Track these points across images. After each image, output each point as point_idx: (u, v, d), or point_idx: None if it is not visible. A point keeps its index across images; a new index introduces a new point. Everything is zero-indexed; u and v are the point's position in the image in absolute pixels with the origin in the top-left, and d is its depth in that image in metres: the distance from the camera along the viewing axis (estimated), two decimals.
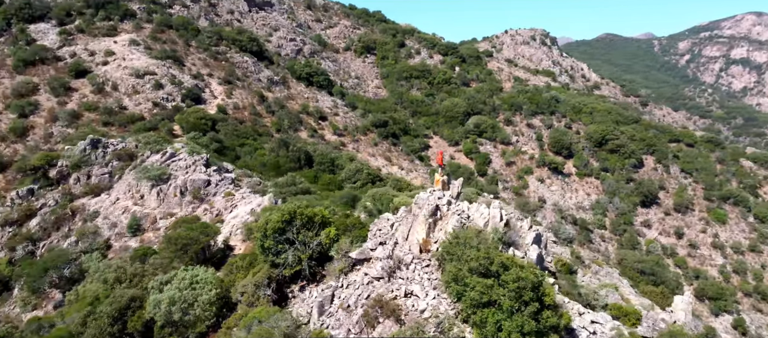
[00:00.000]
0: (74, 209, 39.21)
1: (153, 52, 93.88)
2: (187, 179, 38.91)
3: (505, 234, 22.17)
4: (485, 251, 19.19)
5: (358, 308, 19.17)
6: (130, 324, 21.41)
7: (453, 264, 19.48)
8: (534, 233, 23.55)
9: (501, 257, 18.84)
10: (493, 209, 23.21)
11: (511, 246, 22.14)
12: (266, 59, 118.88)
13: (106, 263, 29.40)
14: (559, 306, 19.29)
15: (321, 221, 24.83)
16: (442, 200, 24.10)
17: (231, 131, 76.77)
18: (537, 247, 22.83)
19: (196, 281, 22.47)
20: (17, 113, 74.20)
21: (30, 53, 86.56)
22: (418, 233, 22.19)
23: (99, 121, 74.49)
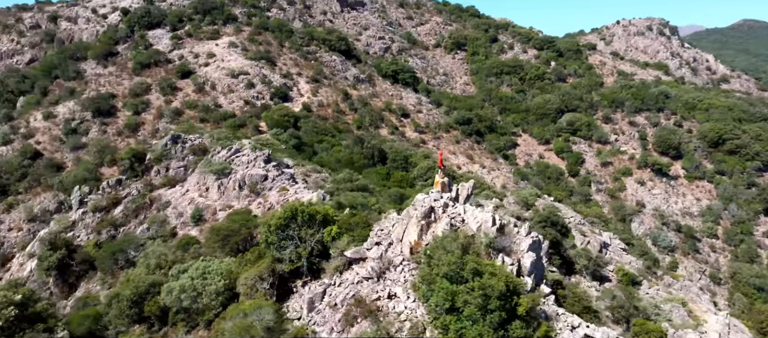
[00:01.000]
0: (152, 199, 44.29)
1: (248, 54, 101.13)
2: (246, 173, 41.99)
3: (495, 240, 21.35)
4: (457, 256, 18.72)
5: (343, 307, 19.76)
6: (147, 308, 23.96)
7: (427, 267, 19.30)
8: (530, 239, 22.33)
9: (475, 262, 18.25)
10: (484, 213, 22.42)
11: (501, 252, 21.27)
12: (354, 58, 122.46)
13: (153, 249, 33.05)
14: (537, 317, 18.24)
15: (322, 220, 25.69)
16: (437, 202, 23.76)
17: (310, 128, 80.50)
18: (533, 254, 21.63)
19: (208, 271, 24.53)
20: (132, 111, 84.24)
21: (146, 57, 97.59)
22: (411, 234, 22.14)
23: (197, 117, 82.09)
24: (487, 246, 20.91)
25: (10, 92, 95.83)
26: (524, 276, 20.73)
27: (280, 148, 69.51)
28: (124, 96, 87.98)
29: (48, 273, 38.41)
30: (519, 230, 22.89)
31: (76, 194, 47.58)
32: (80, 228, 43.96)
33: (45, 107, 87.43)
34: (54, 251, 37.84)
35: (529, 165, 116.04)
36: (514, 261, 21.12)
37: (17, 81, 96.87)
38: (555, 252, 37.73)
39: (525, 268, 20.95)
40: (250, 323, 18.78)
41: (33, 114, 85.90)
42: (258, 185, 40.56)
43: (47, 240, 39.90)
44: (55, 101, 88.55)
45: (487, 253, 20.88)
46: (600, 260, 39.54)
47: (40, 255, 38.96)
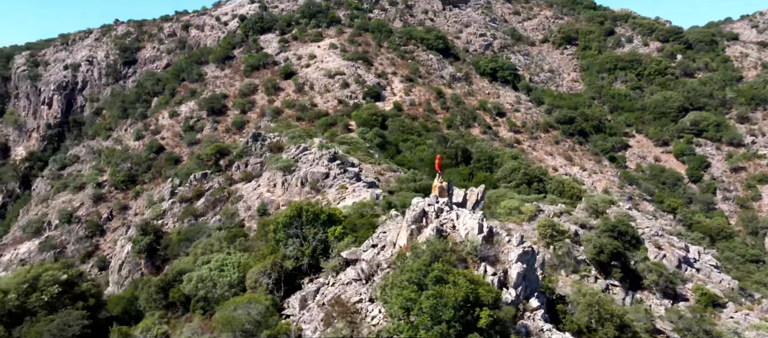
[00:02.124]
0: (229, 193, 48.77)
1: (346, 55, 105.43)
2: (309, 171, 44.33)
3: (478, 248, 20.41)
4: (424, 262, 18.28)
5: (327, 307, 20.40)
6: (171, 294, 26.67)
7: (395, 272, 19.09)
8: (521, 249, 20.89)
9: (441, 270, 17.67)
10: (470, 220, 21.46)
11: (485, 261, 20.29)
12: (452, 56, 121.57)
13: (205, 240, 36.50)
14: (509, 332, 17.16)
15: (327, 219, 26.38)
16: (431, 206, 23.23)
17: (397, 127, 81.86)
18: (522, 265, 20.25)
19: (225, 264, 26.61)
20: (239, 110, 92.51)
21: (256, 59, 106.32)
22: (401, 238, 22.01)
23: (294, 116, 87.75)
24: (468, 254, 20.22)
25: (147, 93, 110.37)
26: (509, 287, 19.71)
27: (363, 146, 71.83)
28: (234, 96, 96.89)
29: (140, 255, 44.52)
30: (510, 239, 21.69)
31: (169, 185, 54.24)
32: (169, 216, 50.07)
33: (171, 107, 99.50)
34: (144, 236, 43.78)
35: (641, 169, 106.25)
36: (497, 270, 20.15)
37: (152, 84, 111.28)
38: (617, 265, 34.66)
39: (511, 279, 19.90)
40: (236, 315, 20.29)
41: (161, 113, 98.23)
42: (319, 182, 42.76)
43: (140, 226, 46.25)
44: (179, 101, 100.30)
45: (474, 262, 20.21)
46: (676, 276, 35.47)
47: (134, 239, 45.23)
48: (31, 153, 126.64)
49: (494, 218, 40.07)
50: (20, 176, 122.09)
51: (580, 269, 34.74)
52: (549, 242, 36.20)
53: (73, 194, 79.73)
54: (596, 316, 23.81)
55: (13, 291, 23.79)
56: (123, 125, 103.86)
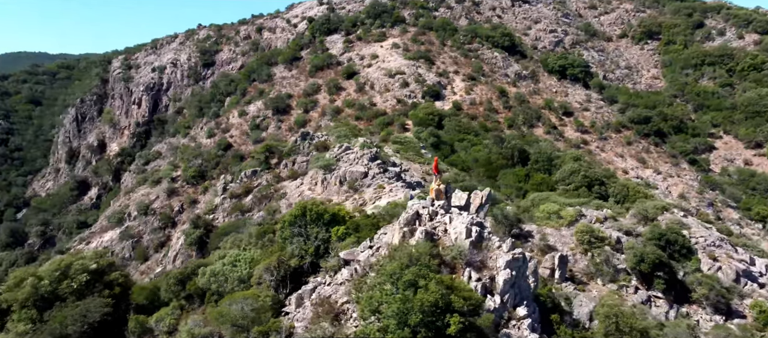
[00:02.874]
0: (276, 190, 50.58)
1: (408, 54, 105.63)
2: (348, 170, 44.96)
3: (463, 253, 19.65)
4: (399, 265, 17.91)
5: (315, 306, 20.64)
6: (188, 287, 28.10)
7: (373, 275, 18.83)
8: (510, 256, 19.78)
9: (416, 274, 17.23)
10: (459, 224, 20.65)
11: (470, 267, 19.49)
12: (518, 53, 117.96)
13: (236, 235, 38.01)
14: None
15: (330, 219, 26.53)
16: (425, 209, 22.69)
17: (454, 127, 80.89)
18: (511, 272, 19.19)
19: (238, 259, 27.63)
20: (302, 109, 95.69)
21: (320, 60, 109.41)
22: (394, 240, 21.71)
23: (353, 116, 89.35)
24: (454, 259, 19.60)
25: (221, 93, 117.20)
26: (495, 294, 18.87)
27: (416, 146, 71.76)
28: (298, 96, 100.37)
29: (191, 247, 47.58)
30: (501, 244, 20.68)
31: (221, 181, 57.40)
32: (219, 211, 52.98)
33: (241, 106, 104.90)
34: (195, 229, 46.73)
35: (727, 172, 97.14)
36: (481, 276, 19.32)
37: (226, 84, 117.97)
38: (661, 276, 32.03)
39: (498, 286, 19.03)
40: (229, 310, 21.13)
41: (232, 112, 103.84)
42: (357, 181, 43.33)
43: (192, 220, 49.41)
44: (249, 101, 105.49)
45: (461, 267, 19.62)
46: (732, 291, 32.19)
47: (187, 232, 48.38)
48: (122, 149, 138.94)
49: (532, 223, 38.72)
50: (113, 169, 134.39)
51: (619, 278, 32.64)
52: (587, 249, 34.34)
53: (151, 187, 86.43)
54: (613, 328, 22.36)
55: (46, 278, 26.51)
56: (199, 124, 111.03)
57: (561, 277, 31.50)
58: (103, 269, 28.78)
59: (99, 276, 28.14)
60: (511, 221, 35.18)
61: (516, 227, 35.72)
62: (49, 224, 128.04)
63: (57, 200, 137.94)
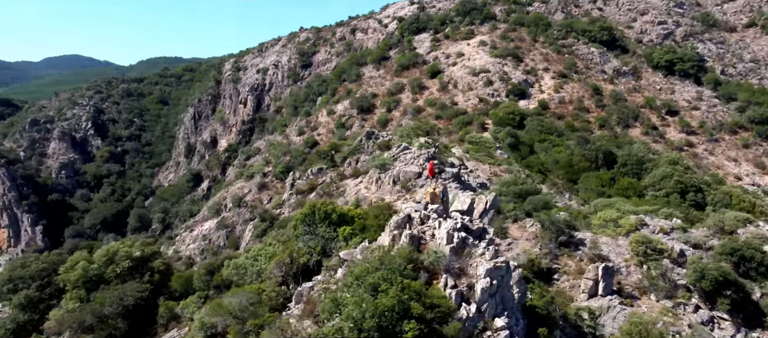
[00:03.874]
0: (338, 188, 52.21)
1: (494, 52, 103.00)
2: (402, 170, 45.12)
3: (440, 259, 18.86)
4: (364, 269, 17.75)
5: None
6: (215, 278, 29.99)
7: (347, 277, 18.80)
8: (492, 264, 18.53)
9: (382, 278, 17.02)
10: (442, 229, 19.81)
11: (448, 273, 18.66)
12: (618, 48, 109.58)
13: (281, 231, 39.65)
14: None
15: (338, 219, 26.76)
16: (417, 212, 22.10)
17: (535, 126, 77.59)
18: (490, 281, 18.05)
19: (260, 254, 28.96)
20: (385, 108, 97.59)
21: (407, 59, 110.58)
22: (385, 243, 21.53)
23: (433, 115, 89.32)
24: (431, 264, 19.01)
25: (314, 93, 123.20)
26: (472, 302, 18.05)
27: (492, 146, 70.07)
28: (383, 95, 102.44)
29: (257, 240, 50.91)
30: (484, 252, 19.55)
31: (290, 178, 60.43)
32: (286, 207, 55.94)
33: (330, 105, 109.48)
34: (262, 222, 50.03)
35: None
36: (464, 285, 18.48)
37: (318, 84, 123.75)
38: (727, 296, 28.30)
39: (476, 295, 18.15)
40: (225, 302, 22.47)
41: (321, 111, 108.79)
42: (410, 181, 43.50)
43: (260, 214, 52.82)
44: (337, 101, 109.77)
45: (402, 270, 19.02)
46: None
47: (254, 224, 51.87)
48: (229, 145, 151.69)
49: (588, 230, 36.37)
50: (221, 164, 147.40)
51: (677, 295, 29.64)
52: (642, 261, 31.61)
53: (246, 181, 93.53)
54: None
55: (96, 262, 30.27)
56: (293, 122, 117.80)
57: (605, 289, 29.38)
58: (148, 257, 32.23)
59: (142, 263, 31.56)
60: (559, 228, 33.39)
61: (564, 234, 33.83)
62: (169, 211, 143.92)
63: (175, 191, 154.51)
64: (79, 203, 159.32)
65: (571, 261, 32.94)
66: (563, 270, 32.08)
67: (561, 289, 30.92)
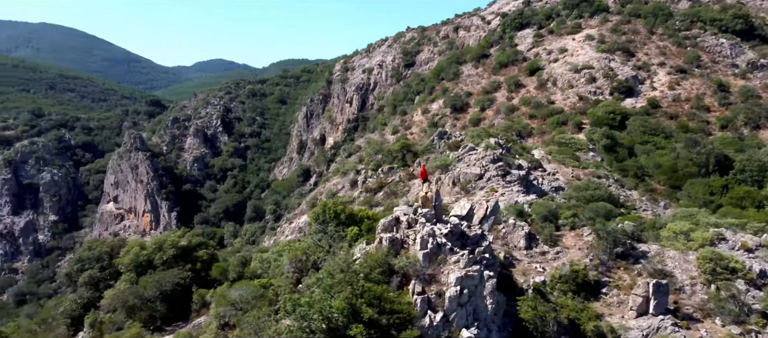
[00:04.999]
0: (404, 187, 52.17)
1: (601, 46, 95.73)
2: (462, 171, 43.79)
3: (410, 265, 18.08)
4: (327, 272, 17.70)
5: None
6: (246, 269, 31.42)
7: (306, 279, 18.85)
8: (462, 273, 17.13)
9: (342, 282, 16.89)
10: (420, 235, 18.81)
11: (417, 279, 17.79)
12: (757, 38, 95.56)
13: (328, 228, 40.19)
14: None
15: (346, 219, 26.67)
16: (406, 216, 21.32)
17: (638, 127, 70.93)
18: (460, 289, 16.73)
19: (285, 249, 29.84)
20: (479, 107, 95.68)
21: (506, 56, 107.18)
22: (373, 245, 21.21)
23: (527, 114, 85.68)
24: (402, 268, 18.34)
25: (412, 92, 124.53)
26: (439, 310, 17.09)
27: (583, 146, 65.60)
28: (477, 93, 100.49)
29: None
30: (458, 260, 18.16)
31: (362, 175, 61.70)
32: (355, 204, 57.12)
33: (426, 104, 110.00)
34: None
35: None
36: (433, 292, 17.49)
37: (417, 83, 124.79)
38: None
39: (444, 303, 17.14)
40: (228, 293, 23.74)
41: (416, 110, 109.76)
42: (470, 183, 42.30)
43: None
44: (433, 99, 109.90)
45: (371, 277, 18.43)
46: None
47: None
48: (335, 143, 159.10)
49: (656, 242, 32.85)
50: (327, 160, 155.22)
51: (748, 320, 25.77)
52: (710, 280, 27.93)
53: (341, 178, 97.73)
54: None
55: (148, 249, 33.86)
56: (391, 121, 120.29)
57: (657, 308, 26.51)
58: (193, 247, 35.48)
59: (187, 252, 34.84)
60: (616, 238, 30.69)
61: (622, 245, 31.01)
62: (280, 204, 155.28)
63: (287, 184, 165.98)
64: (207, 193, 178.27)
65: (626, 275, 30.14)
66: (615, 283, 29.47)
67: (607, 303, 28.54)
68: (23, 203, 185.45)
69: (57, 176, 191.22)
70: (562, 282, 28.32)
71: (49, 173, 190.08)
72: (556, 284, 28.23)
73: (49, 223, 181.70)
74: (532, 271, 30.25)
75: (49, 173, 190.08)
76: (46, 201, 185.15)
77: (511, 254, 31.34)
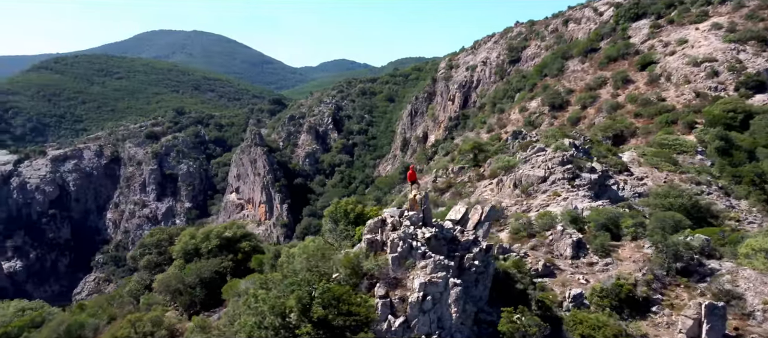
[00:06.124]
0: (471, 187, 50.20)
1: (730, 36, 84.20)
2: (524, 173, 40.92)
3: (376, 267, 17.32)
4: (288, 270, 17.73)
5: None
6: (278, 262, 32.10)
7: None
8: (426, 278, 15.83)
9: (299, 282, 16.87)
10: (390, 238, 17.85)
11: (381, 282, 16.98)
12: None
13: None
14: None
15: (355, 219, 26.12)
16: (392, 218, 20.41)
17: (764, 127, 61.53)
18: (420, 296, 15.58)
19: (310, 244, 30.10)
20: (580, 105, 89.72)
21: (615, 50, 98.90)
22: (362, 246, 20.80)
23: (632, 112, 78.44)
24: (369, 270, 17.69)
25: (513, 89, 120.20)
26: (399, 316, 16.26)
27: (689, 149, 58.79)
28: (580, 90, 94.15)
29: None
30: (426, 265, 16.81)
31: (432, 175, 60.36)
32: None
33: (525, 102, 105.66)
34: None
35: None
36: (396, 297, 16.60)
37: (517, 80, 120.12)
38: None
39: (406, 309, 16.22)
40: (235, 283, 24.70)
41: (514, 108, 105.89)
42: (533, 186, 39.70)
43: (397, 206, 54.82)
44: (532, 97, 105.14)
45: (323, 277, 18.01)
46: None
47: None
48: (436, 141, 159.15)
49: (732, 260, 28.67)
50: (427, 158, 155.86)
51: None
52: None
53: (428, 175, 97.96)
54: None
55: (197, 238, 36.59)
56: (488, 119, 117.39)
57: (711, 333, 23.31)
58: (237, 238, 37.89)
59: (231, 243, 37.29)
60: (676, 252, 27.42)
61: (684, 260, 27.60)
62: (380, 200, 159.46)
63: (389, 181, 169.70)
64: (316, 187, 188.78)
65: (685, 293, 26.81)
66: (669, 302, 26.35)
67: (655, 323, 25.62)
68: (165, 190, 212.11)
69: (192, 168, 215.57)
70: (602, 295, 26.09)
71: (185, 165, 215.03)
72: (595, 298, 26.09)
73: (184, 209, 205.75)
74: (572, 282, 28.23)
75: (185, 165, 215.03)
76: (182, 190, 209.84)
77: (553, 263, 29.47)
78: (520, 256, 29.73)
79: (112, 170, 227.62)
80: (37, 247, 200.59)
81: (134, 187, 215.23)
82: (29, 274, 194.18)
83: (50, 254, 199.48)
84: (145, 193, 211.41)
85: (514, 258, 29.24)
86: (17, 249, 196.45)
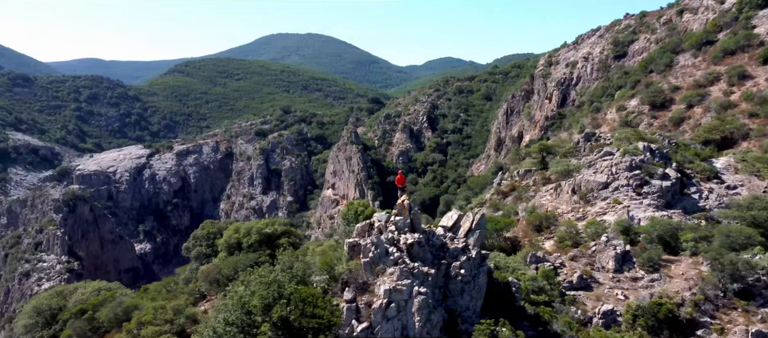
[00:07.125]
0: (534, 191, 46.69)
1: None
2: (584, 178, 37.17)
3: (345, 271, 16.68)
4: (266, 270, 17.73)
5: None
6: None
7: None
8: (391, 285, 14.71)
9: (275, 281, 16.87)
10: (364, 242, 16.96)
11: (350, 286, 16.28)
12: None
13: None
14: None
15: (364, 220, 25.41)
16: (380, 222, 19.48)
17: None
18: (384, 302, 14.60)
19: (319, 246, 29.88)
20: (685, 104, 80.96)
21: (734, 42, 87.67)
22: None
23: (746, 112, 69.28)
24: (340, 274, 17.12)
25: (613, 87, 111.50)
26: (363, 321, 15.56)
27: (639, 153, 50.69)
28: (687, 87, 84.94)
29: None
30: (394, 271, 15.62)
31: (498, 177, 57.10)
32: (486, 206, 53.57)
33: (625, 100, 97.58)
34: None
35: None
36: (363, 302, 15.83)
37: (618, 77, 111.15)
38: None
39: (371, 314, 15.46)
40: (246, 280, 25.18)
41: (612, 107, 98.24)
42: (593, 192, 36.26)
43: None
44: (633, 94, 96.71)
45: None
46: None
47: None
48: (530, 141, 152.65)
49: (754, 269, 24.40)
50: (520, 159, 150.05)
51: None
52: None
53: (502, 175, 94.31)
54: None
55: (240, 232, 38.24)
56: (585, 119, 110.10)
57: None
58: (278, 234, 39.21)
59: (271, 238, 38.66)
60: (734, 271, 24.02)
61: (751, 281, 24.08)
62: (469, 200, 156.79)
63: (480, 181, 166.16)
64: (408, 186, 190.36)
65: (741, 318, 23.35)
66: (718, 326, 23.13)
67: None
68: (270, 185, 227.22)
69: (294, 164, 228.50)
70: (636, 314, 23.70)
71: (288, 161, 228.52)
72: (628, 315, 23.78)
73: (286, 203, 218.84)
74: (609, 298, 25.90)
75: (288, 161, 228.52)
76: (285, 185, 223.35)
77: (591, 275, 27.24)
78: (555, 266, 27.97)
79: (226, 164, 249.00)
80: (163, 232, 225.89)
81: (244, 180, 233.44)
82: (156, 256, 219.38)
83: (173, 238, 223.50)
84: (252, 186, 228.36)
85: (548, 268, 27.55)
86: (147, 233, 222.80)
